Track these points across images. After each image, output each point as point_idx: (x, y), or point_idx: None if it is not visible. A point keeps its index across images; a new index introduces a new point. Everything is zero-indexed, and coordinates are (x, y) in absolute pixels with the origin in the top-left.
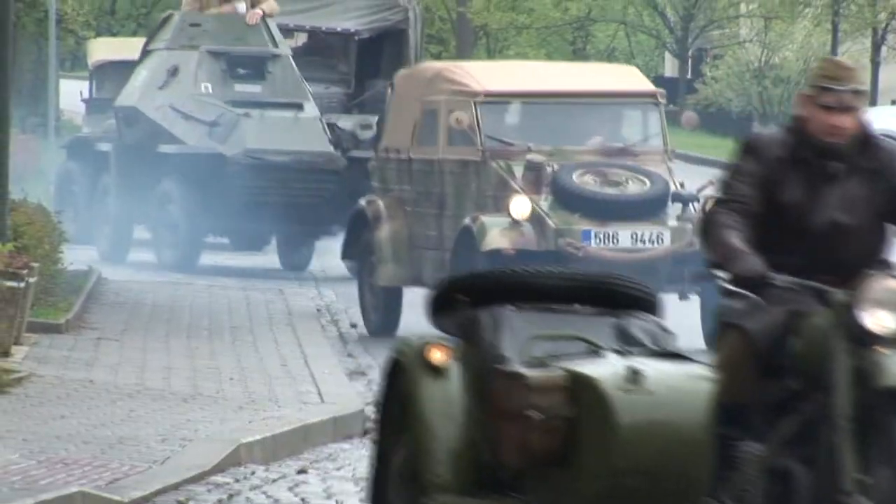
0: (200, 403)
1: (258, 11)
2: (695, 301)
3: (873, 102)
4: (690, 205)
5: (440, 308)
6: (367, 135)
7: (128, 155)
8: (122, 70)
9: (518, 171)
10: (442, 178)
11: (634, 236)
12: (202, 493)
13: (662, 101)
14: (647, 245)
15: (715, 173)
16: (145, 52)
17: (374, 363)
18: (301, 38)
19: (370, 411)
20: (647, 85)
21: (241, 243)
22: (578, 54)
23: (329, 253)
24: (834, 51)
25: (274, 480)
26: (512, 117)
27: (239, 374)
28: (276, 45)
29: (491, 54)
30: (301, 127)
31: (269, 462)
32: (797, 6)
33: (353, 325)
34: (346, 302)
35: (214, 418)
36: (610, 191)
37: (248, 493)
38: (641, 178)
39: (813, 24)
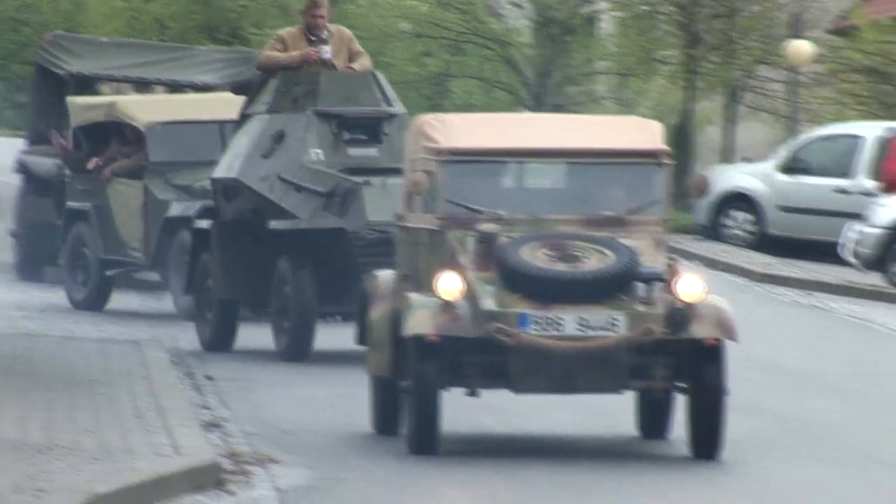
0: (56, 454)
1: (352, 67)
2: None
3: (726, 160)
4: (653, 285)
5: None
6: None
7: (230, 232)
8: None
9: (472, 243)
10: (415, 250)
11: (582, 322)
12: None
13: (668, 161)
14: (598, 332)
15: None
16: (243, 117)
17: (230, 415)
18: (161, 91)
19: (224, 463)
20: (653, 142)
21: None
22: (437, 109)
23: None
24: (688, 107)
25: None
26: (484, 179)
27: (95, 425)
28: (389, 103)
29: None
30: None
31: None
32: (653, 63)
33: (209, 377)
34: (202, 355)
35: (70, 469)
36: (560, 267)
37: None
38: (605, 251)
39: (669, 81)
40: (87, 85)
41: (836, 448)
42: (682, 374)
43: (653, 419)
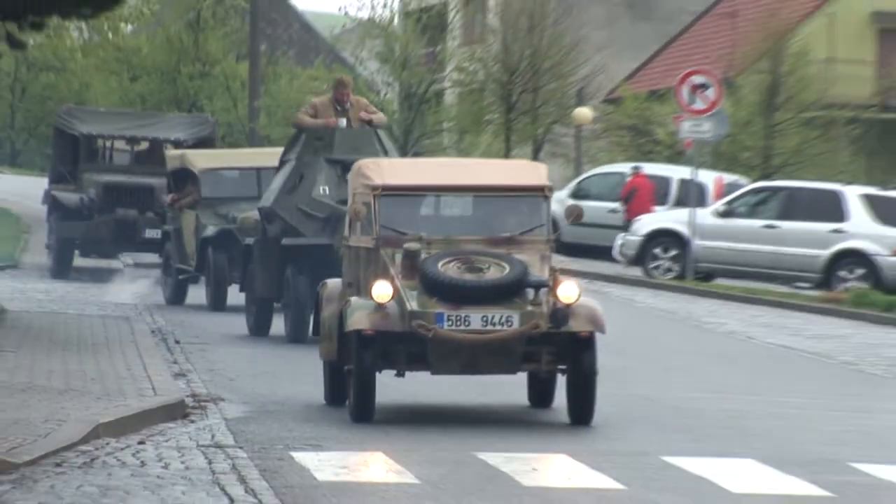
0: (71, 396)
1: (367, 119)
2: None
3: None
4: (540, 290)
5: None
6: None
7: (265, 246)
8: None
9: (399, 258)
10: (356, 263)
11: (485, 319)
12: (72, 457)
13: (550, 194)
14: (497, 327)
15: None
16: (281, 163)
17: (192, 367)
18: (144, 145)
19: (188, 401)
20: (539, 180)
21: None
22: None
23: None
24: (507, 154)
25: (122, 449)
26: (409, 209)
27: (98, 376)
28: (386, 153)
29: None
30: None
31: (119, 436)
32: (482, 123)
33: (178, 342)
34: (172, 326)
35: (81, 406)
36: (468, 277)
37: (104, 457)
38: (503, 264)
39: (493, 135)
40: (92, 141)
41: (623, 393)
42: (562, 359)
43: (540, 393)
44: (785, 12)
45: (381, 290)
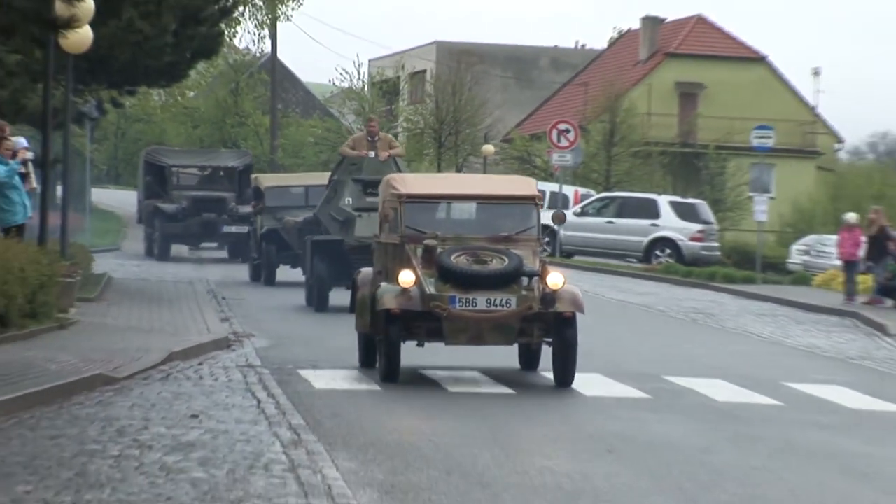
0: (152, 333)
1: (388, 153)
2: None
3: None
4: (532, 279)
5: None
6: None
7: (315, 244)
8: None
9: (420, 252)
10: (385, 255)
11: (489, 301)
12: (154, 373)
13: (541, 203)
14: (498, 307)
15: None
16: (330, 181)
17: (233, 314)
18: (209, 170)
19: (230, 336)
20: (531, 191)
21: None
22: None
23: (216, 266)
24: None
25: (187, 368)
26: (428, 213)
27: (171, 319)
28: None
29: None
30: None
31: (185, 360)
32: (422, 155)
33: (224, 298)
34: (219, 288)
35: (159, 340)
36: (475, 267)
37: (175, 374)
38: (503, 257)
39: (429, 164)
40: (174, 169)
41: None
42: (549, 334)
43: (529, 360)
44: (619, 83)
45: (406, 277)
